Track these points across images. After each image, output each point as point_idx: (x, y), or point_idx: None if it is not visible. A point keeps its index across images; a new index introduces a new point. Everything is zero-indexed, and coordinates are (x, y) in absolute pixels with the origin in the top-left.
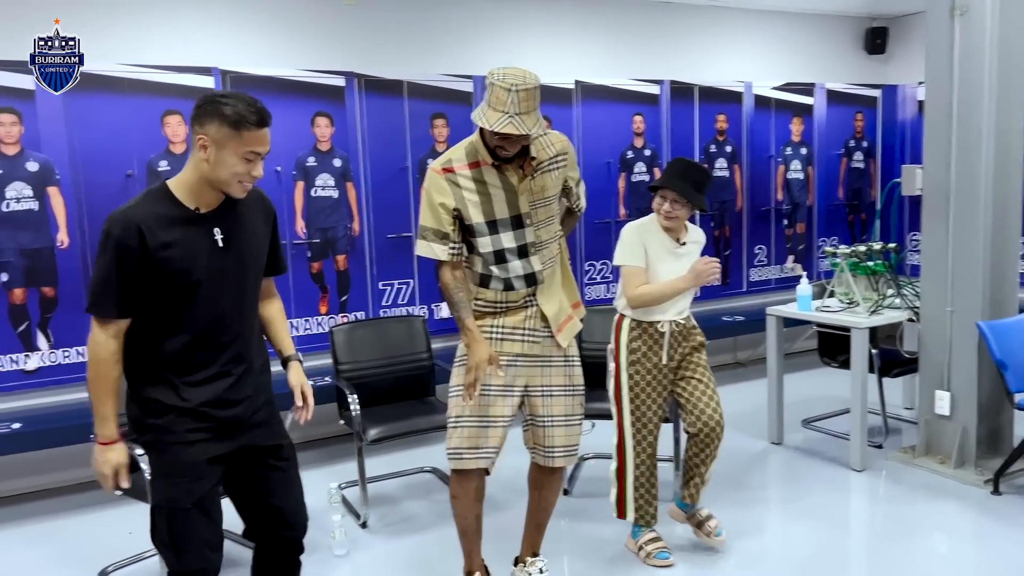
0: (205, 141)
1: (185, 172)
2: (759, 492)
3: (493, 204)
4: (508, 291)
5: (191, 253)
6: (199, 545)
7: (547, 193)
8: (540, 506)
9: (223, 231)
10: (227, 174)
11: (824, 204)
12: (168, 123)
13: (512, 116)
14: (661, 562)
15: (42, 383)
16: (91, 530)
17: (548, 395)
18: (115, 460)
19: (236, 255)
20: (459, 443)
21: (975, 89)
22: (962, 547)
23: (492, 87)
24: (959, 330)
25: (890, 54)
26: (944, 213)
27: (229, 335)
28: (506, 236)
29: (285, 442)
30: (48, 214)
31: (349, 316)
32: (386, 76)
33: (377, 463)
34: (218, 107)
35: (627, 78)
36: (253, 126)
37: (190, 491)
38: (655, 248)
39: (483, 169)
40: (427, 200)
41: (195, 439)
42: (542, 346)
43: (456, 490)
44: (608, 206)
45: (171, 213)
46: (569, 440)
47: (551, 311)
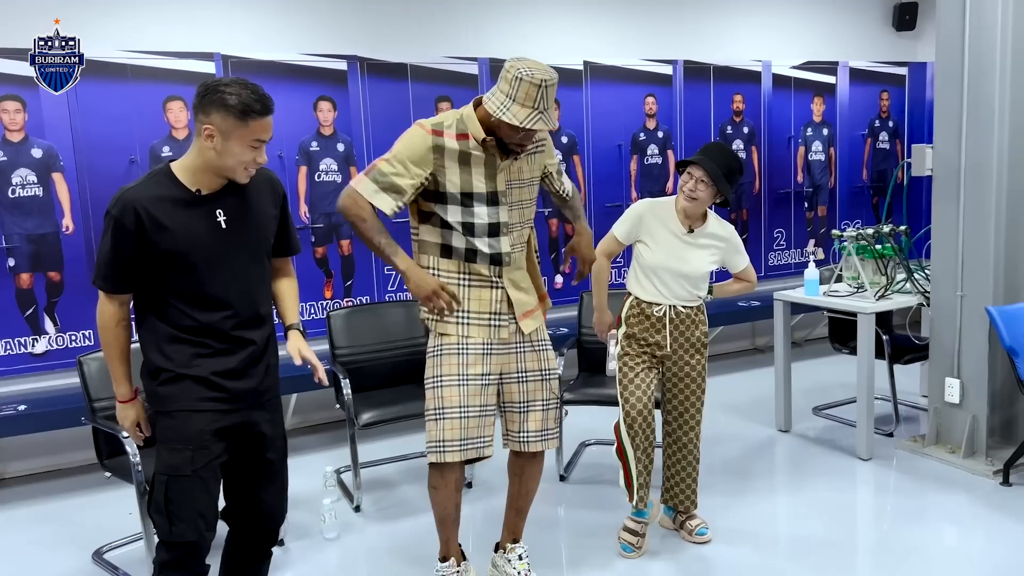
0: (211, 131)
1: (189, 156)
2: (763, 480)
3: (472, 177)
4: (470, 263)
5: (189, 235)
6: (193, 516)
7: (523, 175)
8: (521, 493)
9: (226, 212)
10: (233, 162)
11: (847, 186)
12: (170, 109)
13: (542, 112)
14: (623, 553)
15: (50, 366)
16: (89, 511)
17: (523, 380)
18: (132, 415)
19: (239, 236)
20: (441, 436)
21: (987, 65)
22: (969, 539)
23: (519, 82)
24: (969, 316)
25: (920, 30)
26: (955, 194)
27: (235, 314)
28: (479, 210)
29: (280, 435)
30: (53, 200)
31: (354, 301)
32: (389, 59)
33: (375, 448)
34: (222, 96)
35: (638, 58)
36: (258, 115)
37: (191, 459)
38: (661, 230)
39: (470, 143)
40: (403, 150)
41: (203, 408)
42: (508, 331)
43: (437, 482)
44: (619, 189)
45: (172, 195)
46: (546, 424)
47: (516, 296)
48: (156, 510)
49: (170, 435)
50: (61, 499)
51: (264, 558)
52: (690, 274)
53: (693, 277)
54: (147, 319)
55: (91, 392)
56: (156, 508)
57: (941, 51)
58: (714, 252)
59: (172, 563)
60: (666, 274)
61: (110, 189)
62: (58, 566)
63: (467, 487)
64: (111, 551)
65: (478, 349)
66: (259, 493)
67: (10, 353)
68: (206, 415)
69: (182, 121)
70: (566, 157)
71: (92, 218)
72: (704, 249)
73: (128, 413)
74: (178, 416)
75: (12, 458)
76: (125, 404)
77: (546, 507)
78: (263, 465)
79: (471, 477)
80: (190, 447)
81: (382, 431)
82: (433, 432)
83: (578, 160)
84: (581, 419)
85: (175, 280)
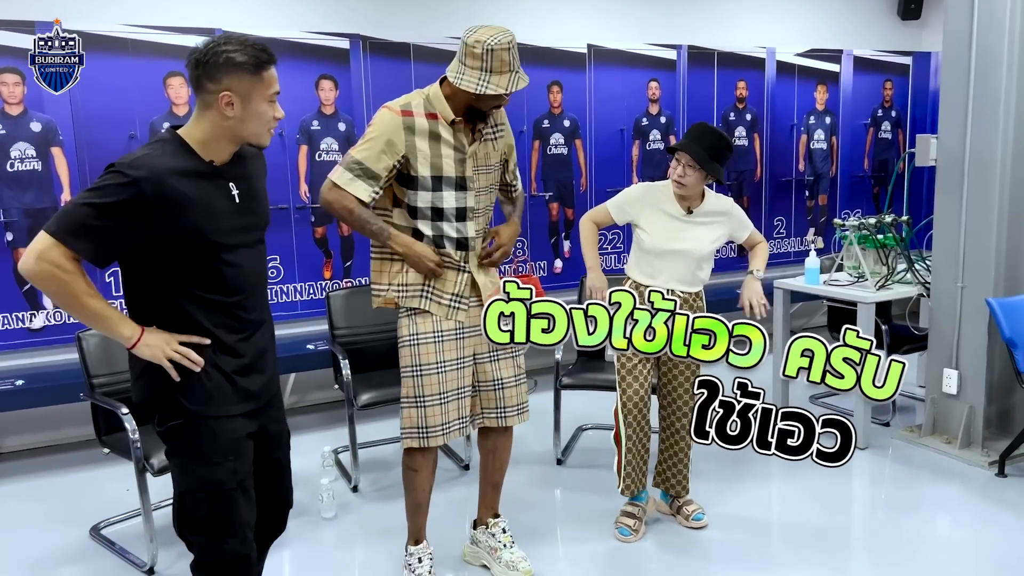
0: (229, 97)
1: (198, 126)
2: (759, 467)
3: (442, 160)
4: (439, 248)
5: (209, 211)
6: (243, 529)
7: (490, 161)
8: (495, 467)
9: (237, 187)
10: (257, 125)
11: (848, 175)
12: (171, 84)
13: (517, 72)
14: (620, 537)
15: (47, 341)
16: (86, 487)
17: (495, 359)
18: (159, 341)
19: (250, 211)
20: (423, 423)
21: (994, 56)
22: (963, 529)
23: (491, 53)
24: (969, 307)
25: (925, 20)
26: (958, 185)
27: (250, 297)
28: (448, 195)
29: (287, 431)
30: (52, 174)
31: (353, 282)
32: (392, 39)
33: (373, 428)
34: (228, 56)
35: (642, 42)
36: (269, 63)
37: (234, 471)
38: (658, 214)
39: (439, 123)
40: (375, 135)
41: (234, 412)
42: (468, 314)
43: (418, 463)
44: (620, 175)
45: (189, 166)
46: (520, 399)
47: (482, 280)
48: (197, 531)
49: (202, 447)
50: (59, 474)
51: (267, 547)
52: (692, 252)
53: (696, 256)
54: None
55: (90, 368)
56: (197, 528)
57: (948, 41)
58: (718, 228)
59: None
60: (668, 255)
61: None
62: (55, 541)
63: (464, 469)
64: (108, 527)
65: (451, 335)
66: (270, 491)
67: (8, 328)
68: (239, 420)
69: (183, 97)
70: (568, 141)
71: None
72: (706, 226)
73: (152, 343)
74: (209, 424)
75: (10, 433)
76: (139, 342)
77: (543, 491)
78: (273, 465)
79: (468, 459)
80: (231, 457)
81: (380, 412)
82: (413, 419)
83: (580, 144)
84: (579, 404)
85: (191, 261)
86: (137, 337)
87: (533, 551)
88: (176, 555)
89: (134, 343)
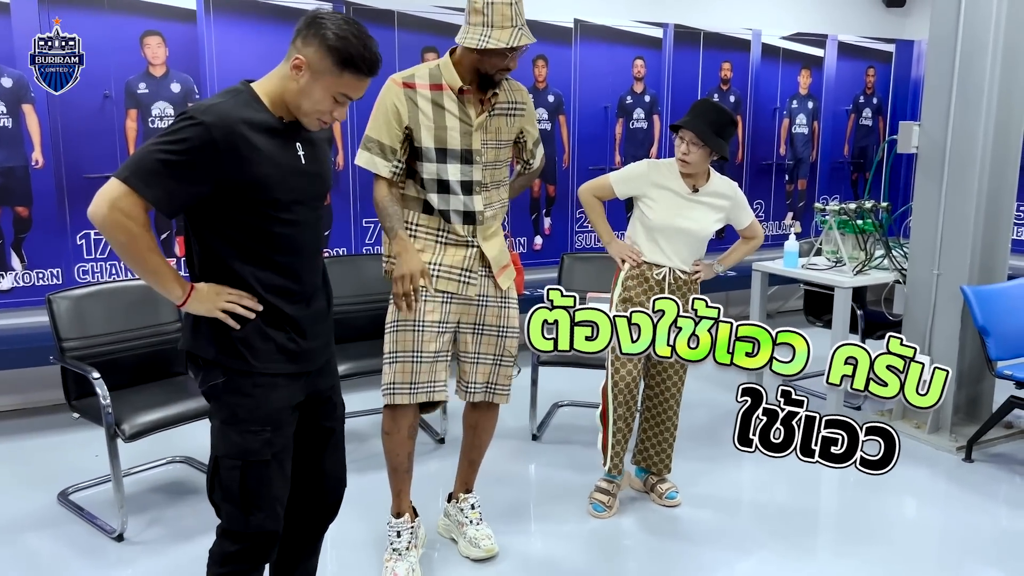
0: (301, 62)
1: (271, 81)
2: (731, 448)
3: (447, 132)
4: (446, 221)
5: (276, 166)
6: (272, 503)
7: (500, 136)
8: (474, 444)
9: (303, 147)
10: (309, 106)
11: (828, 161)
12: (147, 44)
13: (520, 28)
14: (593, 512)
15: (15, 303)
16: (55, 452)
17: (479, 332)
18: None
19: (314, 174)
20: (392, 379)
21: (979, 45)
22: (928, 510)
23: (491, 6)
24: (944, 294)
25: (909, 8)
26: (939, 173)
27: (306, 260)
28: (452, 168)
29: (341, 401)
30: (23, 132)
31: (331, 252)
32: (376, 5)
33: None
34: (325, 33)
35: (629, 19)
36: (361, 73)
37: (270, 442)
38: (663, 191)
39: (444, 94)
40: (381, 110)
41: (281, 371)
42: (479, 287)
43: (389, 426)
44: (603, 152)
45: (261, 119)
46: (495, 379)
47: (492, 253)
48: (226, 498)
49: (242, 414)
50: (26, 438)
51: (321, 533)
52: (696, 232)
53: (698, 236)
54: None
55: (60, 331)
56: (226, 496)
57: (935, 28)
58: (719, 210)
59: (242, 555)
60: (672, 232)
61: (82, 124)
62: (23, 505)
63: (439, 443)
64: (77, 492)
65: (437, 297)
66: (322, 465)
67: None
68: (283, 389)
69: (160, 57)
70: (552, 117)
71: (63, 152)
72: (709, 207)
73: (204, 295)
74: (250, 387)
75: None
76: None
77: (518, 466)
78: (326, 434)
79: (443, 433)
80: (268, 428)
81: (355, 384)
82: (386, 375)
83: (563, 120)
84: (555, 380)
85: (252, 216)
86: (186, 295)
87: (506, 526)
88: (146, 522)
89: (183, 301)
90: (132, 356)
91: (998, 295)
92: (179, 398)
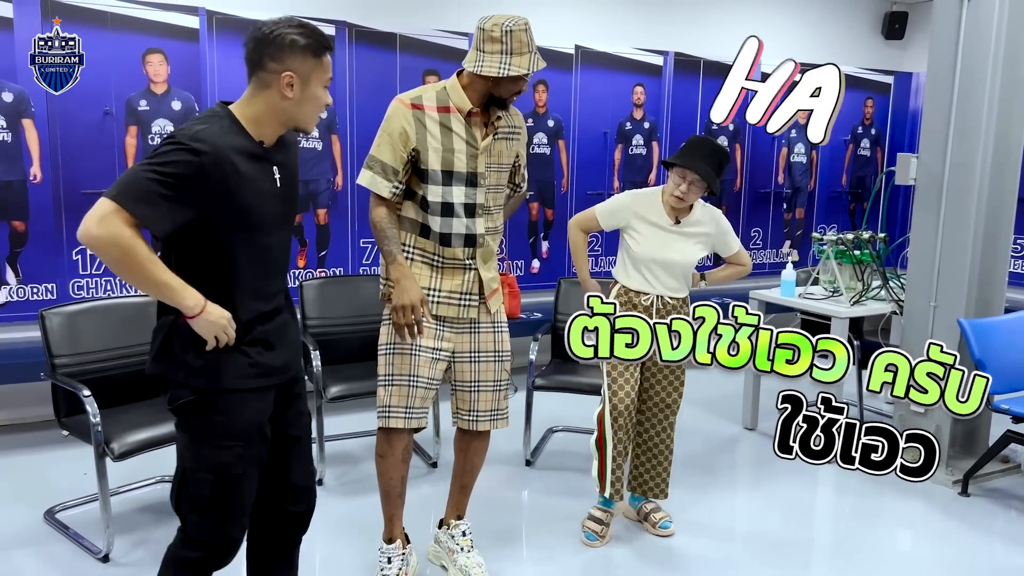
0: (291, 78)
1: (251, 105)
2: (726, 476)
3: (454, 155)
4: (444, 247)
5: (258, 192)
6: (240, 514)
7: (502, 159)
8: (465, 469)
9: (280, 171)
10: (311, 108)
11: (826, 190)
12: (149, 61)
13: (535, 52)
14: (586, 541)
15: (9, 318)
16: (42, 469)
17: (476, 360)
18: (218, 317)
19: (288, 198)
20: (388, 402)
21: (978, 78)
22: (923, 544)
23: (510, 34)
24: (941, 326)
25: (908, 40)
26: (936, 205)
27: (277, 278)
28: (458, 191)
29: (307, 411)
30: (22, 147)
31: (328, 272)
32: (379, 28)
33: (341, 421)
34: (292, 38)
35: (630, 46)
36: (329, 50)
37: (242, 457)
38: (645, 223)
39: (452, 116)
40: (387, 130)
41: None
42: (476, 311)
43: (383, 448)
44: (602, 178)
45: (245, 146)
46: (496, 405)
47: (488, 276)
48: (195, 509)
49: (216, 430)
50: (14, 455)
51: (295, 545)
52: (679, 263)
53: (682, 266)
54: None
55: (52, 347)
56: (196, 507)
57: (933, 61)
58: (702, 240)
59: (204, 562)
60: (654, 265)
61: (82, 140)
62: (7, 524)
63: (432, 466)
64: (64, 511)
65: (432, 324)
66: (289, 475)
67: None
68: (255, 403)
69: (161, 75)
70: (551, 141)
71: (61, 168)
72: (692, 239)
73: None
74: (227, 407)
75: None
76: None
77: (511, 492)
78: (291, 443)
79: (436, 456)
80: (240, 443)
81: (349, 405)
82: (381, 398)
83: (563, 145)
84: (550, 405)
85: (231, 240)
86: (200, 308)
87: (498, 552)
88: (132, 543)
89: (197, 313)
90: (123, 374)
91: (995, 328)
92: (169, 418)
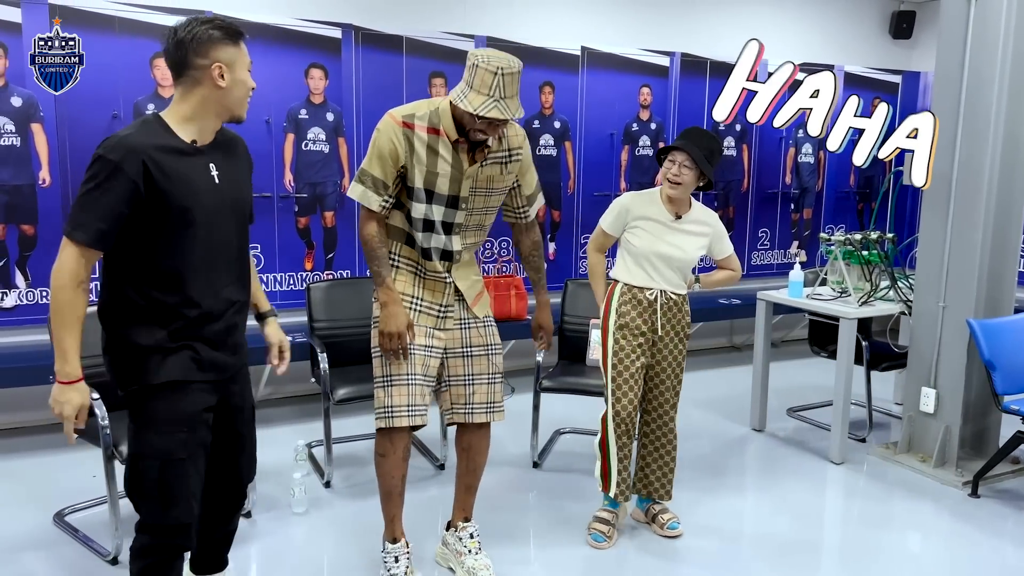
0: (220, 68)
1: (182, 106)
2: (734, 478)
3: (437, 178)
4: (426, 260)
5: (191, 189)
6: (188, 497)
7: (493, 184)
8: (469, 469)
9: (217, 167)
10: (243, 91)
11: (834, 191)
12: (158, 65)
13: (497, 100)
14: (593, 543)
15: (19, 321)
16: (52, 472)
17: (468, 355)
18: (78, 400)
19: (229, 193)
20: (388, 402)
21: (986, 77)
22: (932, 546)
23: (475, 69)
24: (950, 327)
25: (916, 39)
26: (944, 205)
27: (223, 274)
28: (437, 210)
29: (249, 405)
30: (31, 151)
31: (335, 274)
32: (385, 31)
33: (348, 423)
34: (210, 33)
35: (636, 48)
36: (242, 36)
37: (185, 443)
38: (647, 219)
39: (440, 139)
40: (377, 145)
41: (195, 378)
42: (456, 316)
43: (385, 448)
44: (608, 179)
45: (171, 144)
46: (492, 397)
47: (463, 286)
48: (145, 495)
49: (159, 416)
50: (24, 457)
51: (236, 510)
52: (680, 259)
53: (683, 262)
54: (122, 287)
55: None
56: (145, 493)
57: (941, 60)
58: (702, 237)
59: (160, 547)
60: (657, 260)
61: (91, 143)
62: (18, 526)
63: (439, 468)
64: (73, 513)
65: (423, 324)
66: (232, 466)
67: None
68: (197, 394)
69: (169, 79)
70: (558, 143)
71: (70, 172)
72: (692, 235)
73: (72, 396)
74: (168, 395)
75: None
76: (70, 385)
77: (518, 494)
78: (235, 438)
79: (443, 459)
80: (184, 429)
81: (356, 407)
82: (380, 399)
83: (569, 146)
84: (557, 407)
85: (169, 238)
86: (67, 381)
87: (505, 554)
88: None
89: (60, 381)
90: None
91: (1005, 328)
92: None
